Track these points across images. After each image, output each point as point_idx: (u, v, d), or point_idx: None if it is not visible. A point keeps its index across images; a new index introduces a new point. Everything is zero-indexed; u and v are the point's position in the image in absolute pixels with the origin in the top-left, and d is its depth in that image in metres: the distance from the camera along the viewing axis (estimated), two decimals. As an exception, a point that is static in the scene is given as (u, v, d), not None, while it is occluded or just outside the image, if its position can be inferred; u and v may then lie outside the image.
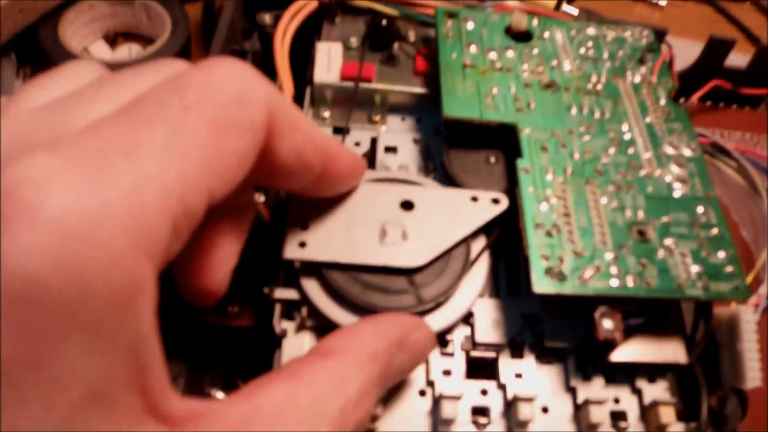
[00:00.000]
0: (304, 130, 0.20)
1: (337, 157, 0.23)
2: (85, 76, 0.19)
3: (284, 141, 0.19)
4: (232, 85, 0.17)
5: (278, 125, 0.19)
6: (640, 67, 0.34)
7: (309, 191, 0.24)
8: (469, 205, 0.27)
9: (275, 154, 0.19)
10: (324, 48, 0.34)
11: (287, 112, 0.19)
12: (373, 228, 0.26)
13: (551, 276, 0.25)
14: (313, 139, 0.21)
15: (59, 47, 0.38)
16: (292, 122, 0.19)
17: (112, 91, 0.17)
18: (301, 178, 0.22)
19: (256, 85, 0.18)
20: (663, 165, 0.29)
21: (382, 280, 0.25)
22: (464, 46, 0.33)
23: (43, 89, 0.18)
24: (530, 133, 0.29)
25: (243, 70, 0.18)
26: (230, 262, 0.22)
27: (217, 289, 0.22)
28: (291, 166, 0.20)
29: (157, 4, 0.41)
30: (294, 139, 0.20)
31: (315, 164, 0.21)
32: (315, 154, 0.21)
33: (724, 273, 0.26)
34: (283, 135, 0.19)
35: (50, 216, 0.13)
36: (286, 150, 0.19)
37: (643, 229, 0.27)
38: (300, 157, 0.20)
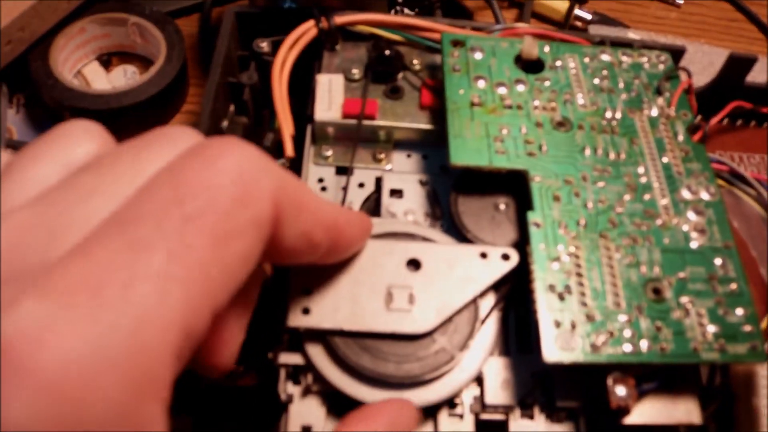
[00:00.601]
0: (311, 212, 0.19)
1: (345, 230, 0.22)
2: (79, 148, 0.17)
3: (290, 227, 0.18)
4: (232, 182, 0.16)
5: (284, 212, 0.17)
6: (657, 98, 0.32)
7: (315, 263, 0.23)
8: (478, 262, 0.26)
9: (280, 240, 0.18)
10: (324, 81, 0.32)
11: (293, 196, 0.18)
12: (379, 292, 0.25)
13: (563, 345, 0.24)
14: (321, 219, 0.20)
15: (50, 75, 0.37)
16: (299, 206, 0.18)
17: (111, 185, 0.16)
18: (309, 256, 0.20)
19: (261, 175, 0.17)
20: (680, 212, 0.28)
21: (388, 347, 0.25)
22: (472, 81, 0.31)
23: (35, 165, 0.17)
24: (541, 181, 0.28)
25: (246, 158, 0.16)
26: (239, 337, 0.21)
27: (225, 364, 0.21)
28: (297, 249, 0.19)
29: (150, 24, 0.39)
30: (300, 223, 0.18)
31: (323, 243, 0.20)
32: (323, 233, 0.20)
33: (742, 333, 0.25)
34: (288, 221, 0.18)
35: (46, 374, 0.12)
36: (292, 235, 0.18)
37: (658, 287, 0.26)
38: (307, 240, 0.19)
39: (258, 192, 0.16)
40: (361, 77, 0.33)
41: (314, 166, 0.31)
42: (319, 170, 0.31)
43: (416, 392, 0.25)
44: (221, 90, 0.33)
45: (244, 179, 0.16)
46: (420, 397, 0.25)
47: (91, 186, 0.16)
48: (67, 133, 0.18)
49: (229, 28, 0.34)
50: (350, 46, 0.34)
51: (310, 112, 0.31)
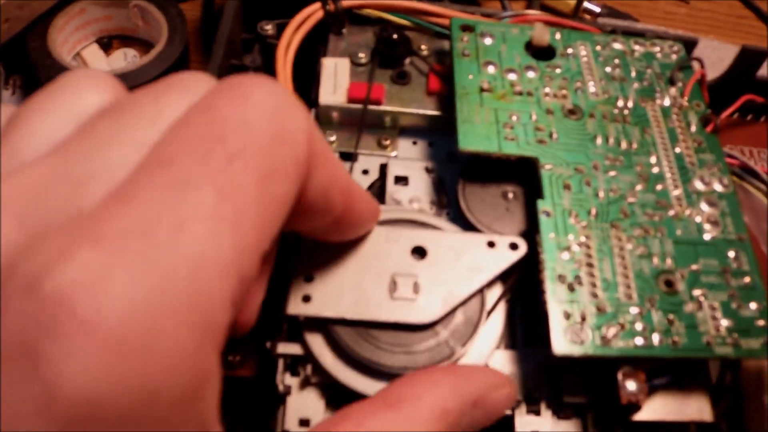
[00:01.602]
0: (333, 166, 0.18)
1: (358, 200, 0.21)
2: (90, 97, 0.16)
3: (315, 178, 0.17)
4: (271, 118, 0.15)
5: (312, 158, 0.16)
6: (669, 88, 0.31)
7: (324, 234, 0.22)
8: (485, 251, 0.25)
9: (304, 192, 0.17)
10: (330, 65, 0.31)
11: (321, 143, 0.17)
12: (383, 280, 0.24)
13: (572, 338, 0.23)
14: (340, 177, 0.19)
15: (48, 56, 0.36)
16: (325, 156, 0.17)
17: (132, 130, 0.14)
18: (321, 218, 0.19)
19: (296, 113, 0.16)
20: (693, 204, 0.27)
21: (392, 338, 0.24)
22: (481, 66, 0.30)
23: (43, 118, 0.15)
24: (552, 169, 0.27)
25: (279, 95, 0.15)
26: (260, 294, 0.21)
27: (247, 321, 0.20)
28: (316, 205, 0.18)
29: (152, 6, 0.38)
30: (324, 175, 0.17)
31: (337, 205, 0.19)
32: (339, 193, 0.19)
33: (756, 327, 0.25)
34: (315, 170, 0.17)
35: (108, 327, 0.11)
36: (314, 187, 0.17)
37: (671, 279, 0.25)
38: (326, 196, 0.18)
39: (295, 130, 0.15)
40: (368, 61, 0.32)
41: (318, 151, 0.30)
42: (322, 155, 0.30)
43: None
44: (224, 73, 0.32)
45: (281, 116, 0.15)
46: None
47: (111, 132, 0.14)
48: (75, 82, 0.16)
49: (233, 10, 0.33)
50: (357, 30, 0.33)
51: (314, 96, 0.31)
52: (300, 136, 0.15)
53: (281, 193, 0.15)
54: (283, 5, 0.34)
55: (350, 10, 0.33)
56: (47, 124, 0.15)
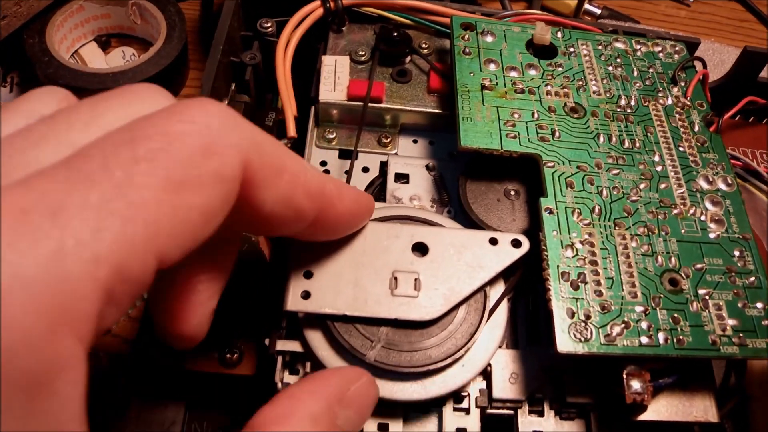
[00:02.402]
0: (292, 175, 0.18)
1: (336, 201, 0.21)
2: (41, 107, 0.17)
3: (268, 190, 0.17)
4: (198, 132, 0.15)
5: (259, 173, 0.17)
6: (672, 88, 0.31)
7: (307, 237, 0.22)
8: (487, 248, 0.25)
9: (259, 204, 0.17)
10: (330, 62, 0.31)
11: (271, 157, 0.17)
12: (383, 276, 0.24)
13: (576, 336, 0.23)
14: (305, 183, 0.19)
15: (46, 53, 0.35)
16: (277, 167, 0.17)
17: (63, 132, 0.15)
18: (293, 225, 0.19)
19: (229, 130, 0.16)
20: (697, 202, 0.27)
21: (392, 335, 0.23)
22: (482, 64, 0.30)
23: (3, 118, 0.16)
24: (554, 167, 0.27)
25: (215, 114, 0.16)
26: (208, 304, 0.20)
27: (194, 333, 0.20)
28: (279, 215, 0.18)
29: (151, 5, 0.38)
30: (279, 187, 0.18)
31: (308, 210, 0.19)
32: (307, 200, 0.19)
33: (762, 327, 0.24)
34: (266, 184, 0.17)
35: None
36: (272, 199, 0.18)
37: (675, 277, 0.25)
38: (290, 205, 0.18)
39: (224, 146, 0.16)
40: (368, 59, 0.31)
41: (317, 148, 0.30)
42: (321, 153, 0.30)
43: (421, 384, 0.23)
44: (222, 70, 0.31)
45: (210, 131, 0.15)
46: (425, 390, 0.23)
47: (43, 133, 0.15)
48: (30, 95, 0.17)
49: (233, 7, 0.33)
50: (357, 28, 0.33)
51: (314, 93, 0.30)
52: (230, 152, 0.16)
53: (196, 203, 0.15)
54: (283, 3, 0.34)
55: (350, 8, 0.32)
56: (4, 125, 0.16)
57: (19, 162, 0.15)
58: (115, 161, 0.14)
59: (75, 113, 0.16)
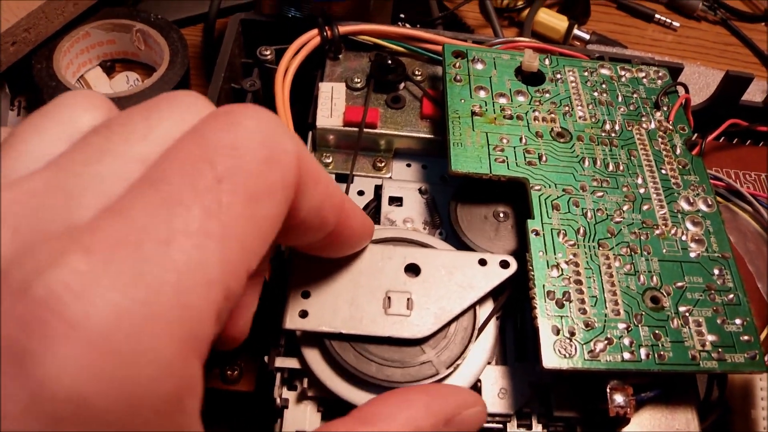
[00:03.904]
0: (325, 185, 0.19)
1: (351, 216, 0.22)
2: (83, 117, 0.16)
3: (306, 197, 0.18)
4: (260, 142, 0.16)
5: (303, 180, 0.17)
6: (655, 112, 0.33)
7: (318, 249, 0.22)
8: (477, 268, 0.26)
9: (296, 210, 0.18)
10: (327, 89, 0.32)
11: (312, 165, 0.18)
12: (378, 296, 0.25)
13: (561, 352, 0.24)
14: (333, 195, 0.20)
15: (53, 78, 0.37)
16: (316, 177, 0.18)
17: (122, 144, 0.15)
18: (315, 234, 0.20)
19: (285, 138, 0.16)
20: (678, 223, 0.28)
21: (386, 352, 0.24)
22: (473, 91, 0.31)
23: (37, 137, 0.16)
24: (541, 190, 0.28)
25: (269, 122, 0.16)
26: (252, 307, 0.21)
27: (240, 333, 0.21)
28: (309, 223, 0.19)
29: (154, 32, 0.39)
30: (316, 194, 0.18)
31: (330, 221, 0.20)
32: (332, 210, 0.20)
33: (740, 342, 0.25)
34: (306, 191, 0.18)
35: (94, 329, 0.12)
36: (307, 206, 0.18)
37: (657, 295, 0.26)
38: (318, 214, 0.19)
39: (284, 154, 0.16)
40: (363, 86, 0.33)
41: (315, 171, 0.31)
42: (319, 176, 0.31)
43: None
44: (224, 96, 0.33)
45: (270, 141, 0.16)
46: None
47: (102, 147, 0.15)
48: (70, 102, 0.17)
49: (234, 34, 0.34)
50: (353, 55, 0.34)
51: (311, 119, 0.32)
52: (289, 159, 0.16)
53: (269, 213, 0.16)
54: (281, 31, 0.35)
55: (346, 37, 0.34)
56: (41, 142, 0.16)
57: (88, 179, 0.14)
58: (202, 182, 0.14)
59: (130, 124, 0.16)
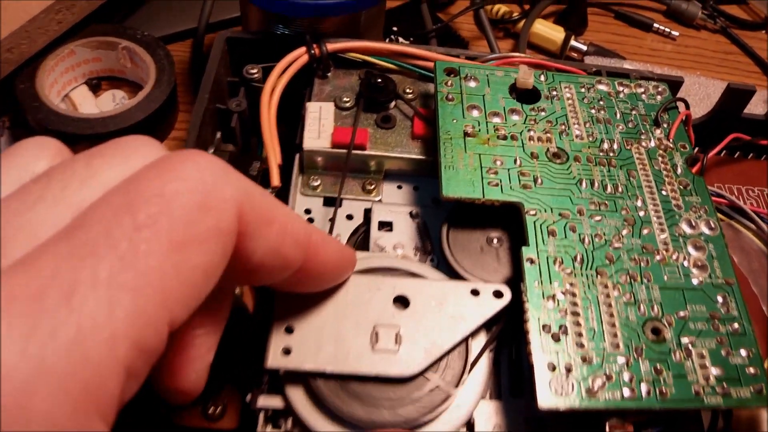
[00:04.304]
0: (281, 225, 0.18)
1: (321, 250, 0.21)
2: (33, 162, 0.17)
3: (259, 240, 0.17)
4: (194, 189, 0.15)
5: (251, 224, 0.17)
6: (655, 130, 0.31)
7: (290, 287, 0.22)
8: (469, 299, 0.25)
9: (249, 254, 0.17)
10: (314, 109, 0.31)
11: (261, 208, 0.17)
12: (364, 331, 0.24)
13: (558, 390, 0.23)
14: (293, 232, 0.19)
15: (35, 98, 0.36)
16: (268, 218, 0.18)
17: (59, 191, 0.15)
18: (279, 274, 0.20)
19: (222, 183, 0.16)
20: (680, 247, 0.27)
21: (373, 391, 0.23)
22: (465, 110, 0.30)
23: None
24: (536, 215, 0.27)
25: (206, 168, 0.16)
26: (206, 358, 0.20)
27: (192, 388, 0.20)
28: (268, 264, 0.18)
29: (141, 49, 0.38)
30: (269, 236, 0.18)
31: (294, 259, 0.19)
32: (295, 248, 0.19)
33: (746, 376, 0.24)
34: (257, 234, 0.17)
35: None
36: (261, 249, 0.18)
37: (658, 326, 0.25)
38: (277, 255, 0.18)
39: (220, 200, 0.16)
40: (353, 105, 0.32)
41: (301, 196, 0.30)
42: (306, 201, 0.30)
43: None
44: (209, 116, 0.32)
45: (205, 188, 0.15)
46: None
47: (38, 194, 0.15)
48: (22, 149, 0.17)
49: (220, 53, 0.33)
50: (342, 73, 0.33)
51: (298, 141, 0.30)
52: (225, 206, 0.16)
53: (199, 262, 0.15)
54: (269, 49, 0.34)
55: (335, 54, 0.33)
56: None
57: (18, 227, 0.14)
58: (119, 231, 0.14)
59: (70, 170, 0.16)
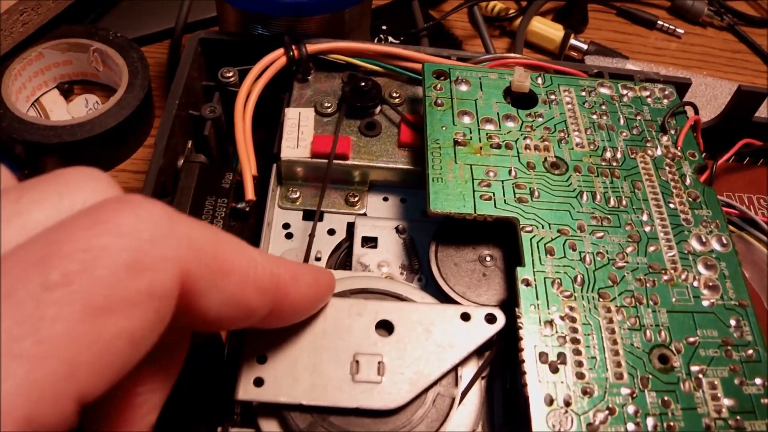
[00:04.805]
0: (241, 275, 0.16)
1: (292, 290, 0.19)
2: None
3: (213, 295, 0.16)
4: (125, 246, 0.13)
5: (201, 282, 0.15)
6: (661, 136, 0.29)
7: (263, 326, 0.20)
8: (458, 324, 0.23)
9: (203, 310, 0.16)
10: (293, 115, 0.29)
11: (212, 262, 0.15)
12: (344, 360, 0.22)
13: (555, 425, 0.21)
14: (255, 279, 0.17)
15: (1, 105, 0.34)
16: (223, 270, 0.16)
17: None
18: (243, 323, 0.18)
19: (161, 240, 0.14)
20: (689, 266, 0.25)
21: (353, 424, 0.21)
22: (456, 116, 0.28)
23: None
24: (533, 232, 0.25)
25: (146, 220, 0.14)
26: (148, 418, 0.18)
27: None
28: (228, 316, 0.17)
29: (113, 51, 0.36)
30: (226, 289, 0.16)
31: (260, 307, 0.18)
32: (259, 296, 0.17)
33: (761, 407, 0.22)
34: (210, 289, 0.15)
35: None
36: (218, 303, 0.16)
37: (665, 354, 0.23)
38: (239, 306, 0.17)
39: (156, 260, 0.14)
40: (334, 111, 0.30)
41: (279, 209, 0.28)
42: (284, 214, 0.28)
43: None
44: (180, 124, 0.30)
45: (139, 243, 0.14)
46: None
47: None
48: None
49: (192, 55, 0.31)
50: (323, 76, 0.31)
51: (276, 150, 0.28)
52: (162, 266, 0.14)
53: (122, 329, 0.13)
54: (247, 51, 0.32)
55: (316, 56, 0.30)
56: None
57: None
58: (24, 290, 0.12)
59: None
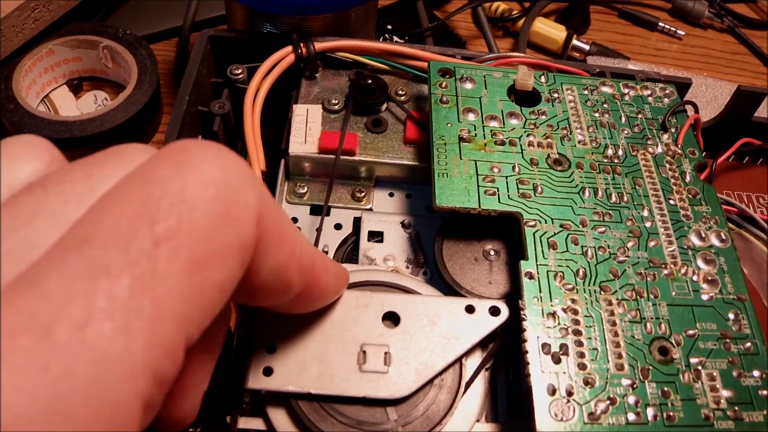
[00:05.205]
0: (291, 247, 0.16)
1: (322, 276, 0.19)
2: (25, 167, 0.15)
3: (267, 259, 0.15)
4: (214, 196, 0.13)
5: (264, 239, 0.15)
6: (662, 134, 0.30)
7: (283, 309, 0.20)
8: (463, 317, 0.23)
9: (254, 272, 0.15)
10: (301, 112, 0.30)
11: (277, 221, 0.15)
12: (351, 350, 0.22)
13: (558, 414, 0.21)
14: (299, 256, 0.17)
15: (11, 100, 0.34)
16: (282, 235, 0.16)
17: (57, 207, 0.13)
18: (277, 298, 0.18)
19: (247, 189, 0.14)
20: (689, 261, 0.26)
21: (359, 413, 0.22)
22: (461, 113, 0.29)
23: None
24: (536, 226, 0.25)
25: (230, 167, 0.14)
26: (201, 386, 0.18)
27: (185, 417, 0.18)
28: (270, 287, 0.16)
29: (122, 48, 0.37)
30: (279, 255, 0.16)
31: (296, 285, 0.18)
32: (298, 274, 0.17)
33: (759, 398, 0.23)
34: (267, 251, 0.15)
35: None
36: (268, 269, 0.16)
37: (665, 346, 0.23)
38: (281, 278, 0.17)
39: (243, 210, 0.14)
40: (342, 108, 0.30)
41: (287, 204, 0.29)
42: (292, 209, 0.28)
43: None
44: (190, 121, 0.30)
45: (229, 193, 0.13)
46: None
47: (34, 208, 0.13)
48: (9, 150, 0.15)
49: (201, 53, 0.31)
50: (331, 73, 0.32)
51: (284, 145, 0.29)
52: (248, 216, 0.14)
53: (217, 280, 0.13)
54: (255, 48, 0.32)
55: (323, 54, 0.31)
56: None
57: (13, 246, 0.13)
58: (137, 245, 0.12)
59: (69, 183, 0.14)
